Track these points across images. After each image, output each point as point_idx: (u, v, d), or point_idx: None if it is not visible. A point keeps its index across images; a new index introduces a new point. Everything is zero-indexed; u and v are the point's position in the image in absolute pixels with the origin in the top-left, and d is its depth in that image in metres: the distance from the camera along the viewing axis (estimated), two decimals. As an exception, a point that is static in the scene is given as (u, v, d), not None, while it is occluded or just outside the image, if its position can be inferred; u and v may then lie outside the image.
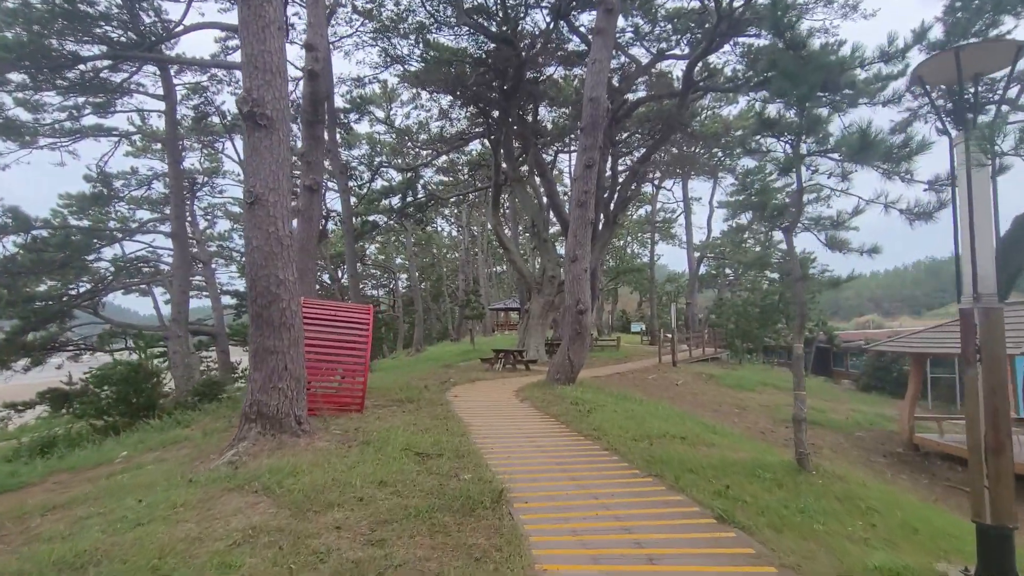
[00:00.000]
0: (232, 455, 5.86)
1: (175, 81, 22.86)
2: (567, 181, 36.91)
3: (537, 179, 25.13)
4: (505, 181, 24.40)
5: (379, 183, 32.94)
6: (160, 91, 20.35)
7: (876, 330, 45.72)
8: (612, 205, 21.23)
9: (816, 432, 12.64)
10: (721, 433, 9.10)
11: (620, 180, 22.06)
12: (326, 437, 6.63)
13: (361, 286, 59.13)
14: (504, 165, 21.40)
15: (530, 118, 22.87)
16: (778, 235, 40.21)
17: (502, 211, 38.24)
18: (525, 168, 24.32)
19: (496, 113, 20.08)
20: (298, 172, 13.76)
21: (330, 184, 30.82)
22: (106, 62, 20.16)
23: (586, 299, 11.50)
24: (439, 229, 56.42)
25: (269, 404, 6.28)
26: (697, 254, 41.19)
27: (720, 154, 33.78)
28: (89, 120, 21.69)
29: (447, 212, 50.55)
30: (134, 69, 18.75)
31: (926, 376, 18.06)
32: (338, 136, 26.07)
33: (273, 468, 5.13)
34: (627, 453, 6.30)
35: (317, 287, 46.53)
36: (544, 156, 25.58)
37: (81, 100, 21.22)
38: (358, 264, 54.40)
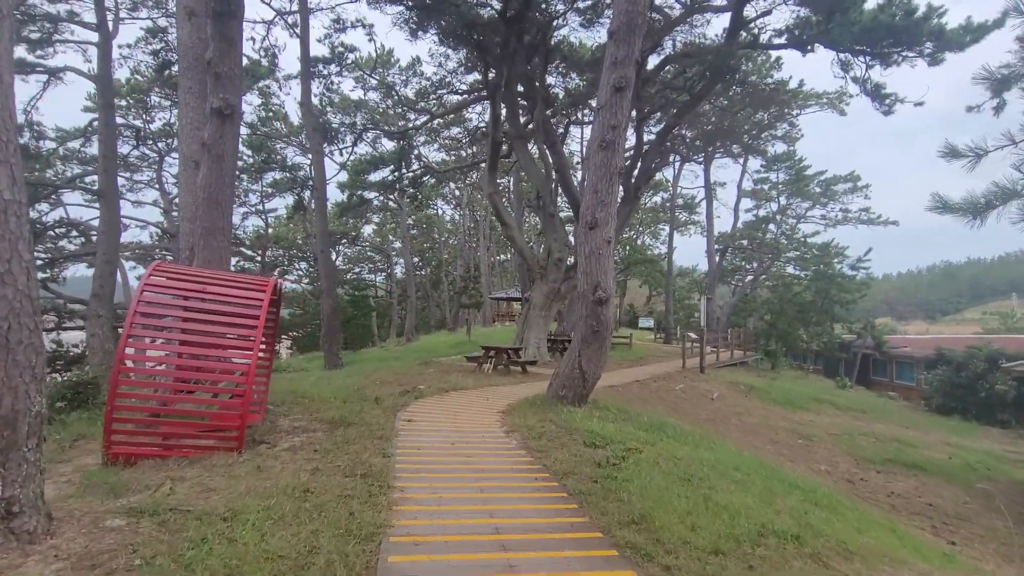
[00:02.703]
0: None
1: (122, 14, 19.46)
2: (577, 161, 33.13)
3: (547, 150, 21.50)
4: (508, 152, 20.73)
5: (368, 152, 29.45)
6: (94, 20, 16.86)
7: (890, 335, 42.11)
8: (635, 176, 17.56)
9: (923, 482, 9.10)
10: (832, 507, 5.54)
11: (645, 147, 18.34)
12: (74, 542, 3.14)
13: (357, 269, 55.92)
14: (504, 122, 17.69)
15: (538, 84, 19.21)
16: (806, 227, 36.09)
17: (505, 194, 34.59)
18: (532, 139, 20.68)
19: (496, 43, 16.28)
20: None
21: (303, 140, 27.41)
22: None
23: (608, 283, 7.96)
24: (440, 212, 52.83)
25: (-86, 478, 2.80)
26: (718, 246, 37.35)
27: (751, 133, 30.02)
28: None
29: (447, 193, 46.90)
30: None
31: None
32: (314, 90, 22.47)
33: None
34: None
35: (307, 270, 43.18)
36: (555, 129, 21.85)
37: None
38: (354, 245, 51.16)
